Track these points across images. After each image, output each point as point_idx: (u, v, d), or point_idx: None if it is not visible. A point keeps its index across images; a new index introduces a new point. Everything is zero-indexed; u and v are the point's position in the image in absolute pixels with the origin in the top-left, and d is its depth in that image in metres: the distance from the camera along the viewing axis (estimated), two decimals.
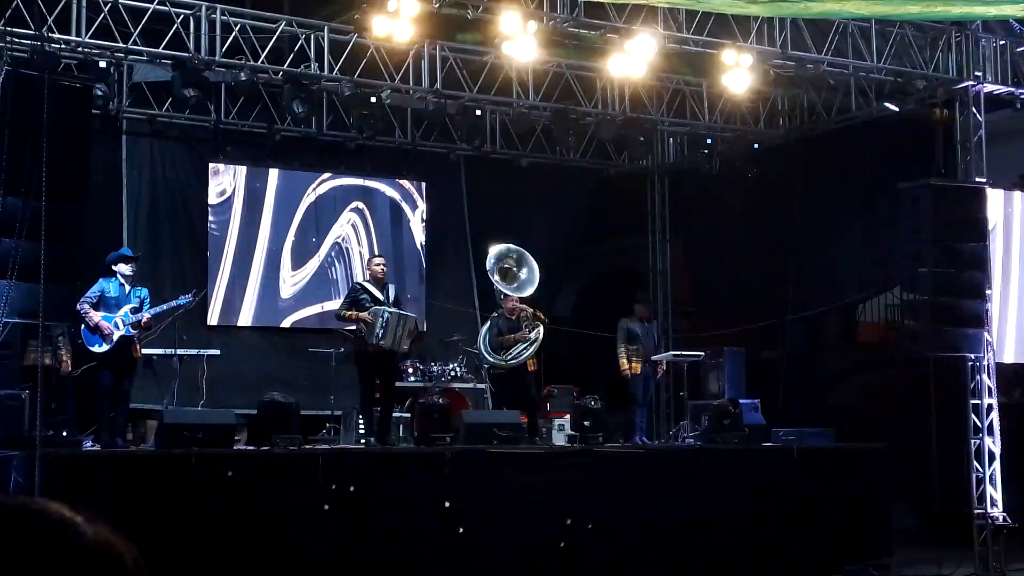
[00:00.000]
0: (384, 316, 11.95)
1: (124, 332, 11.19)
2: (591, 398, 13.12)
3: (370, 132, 14.25)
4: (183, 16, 12.14)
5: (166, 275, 14.29)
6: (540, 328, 13.14)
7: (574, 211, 17.51)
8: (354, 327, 12.19)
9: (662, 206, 17.86)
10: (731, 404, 13.50)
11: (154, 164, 14.70)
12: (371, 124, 13.99)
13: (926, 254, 12.76)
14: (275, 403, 11.29)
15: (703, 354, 15.17)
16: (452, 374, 14.47)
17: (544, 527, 11.56)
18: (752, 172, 15.94)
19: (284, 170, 15.43)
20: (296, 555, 10.42)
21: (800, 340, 16.72)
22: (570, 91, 14.75)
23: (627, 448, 13.00)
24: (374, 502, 10.91)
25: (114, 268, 11.42)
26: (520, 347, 13.04)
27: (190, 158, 15.02)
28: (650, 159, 17.31)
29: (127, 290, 11.38)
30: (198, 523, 10.14)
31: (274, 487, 10.55)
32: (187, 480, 10.17)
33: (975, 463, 13.12)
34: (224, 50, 12.37)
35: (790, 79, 14.17)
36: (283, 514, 10.48)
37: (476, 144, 15.22)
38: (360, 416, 12.78)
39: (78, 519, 1.28)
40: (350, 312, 12.13)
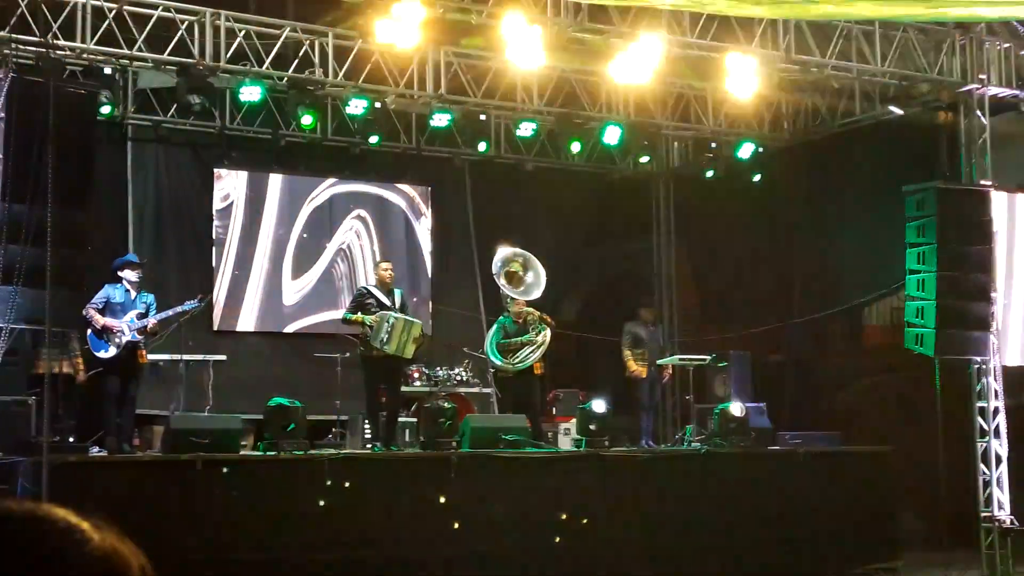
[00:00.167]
0: (390, 321, 11.95)
1: (130, 338, 11.21)
2: (597, 402, 13.11)
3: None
4: (188, 22, 12.15)
5: (171, 281, 14.28)
6: (547, 332, 13.15)
7: (579, 215, 17.49)
8: (359, 331, 12.19)
9: (667, 210, 17.84)
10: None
11: (159, 170, 14.70)
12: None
13: (931, 257, 12.76)
14: (281, 408, 11.29)
15: (709, 358, 15.16)
16: (458, 378, 14.47)
17: (550, 531, 11.55)
18: (757, 176, 15.93)
19: (288, 175, 15.43)
20: (302, 560, 10.42)
21: (805, 343, 16.70)
22: (574, 96, 14.76)
23: (633, 452, 13.00)
24: (380, 507, 10.91)
25: (120, 274, 11.45)
26: (527, 351, 13.04)
27: (195, 164, 15.03)
28: (655, 163, 17.31)
29: (133, 296, 11.40)
30: (204, 528, 10.14)
31: (280, 492, 10.56)
32: (193, 485, 10.18)
33: (982, 466, 13.11)
34: (229, 56, 12.38)
35: (794, 83, 14.16)
36: (289, 519, 10.48)
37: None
38: (366, 421, 12.79)
39: (84, 525, 1.29)
40: (356, 316, 12.13)
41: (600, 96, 14.89)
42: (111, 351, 11.19)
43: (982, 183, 13.31)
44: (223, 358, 13.93)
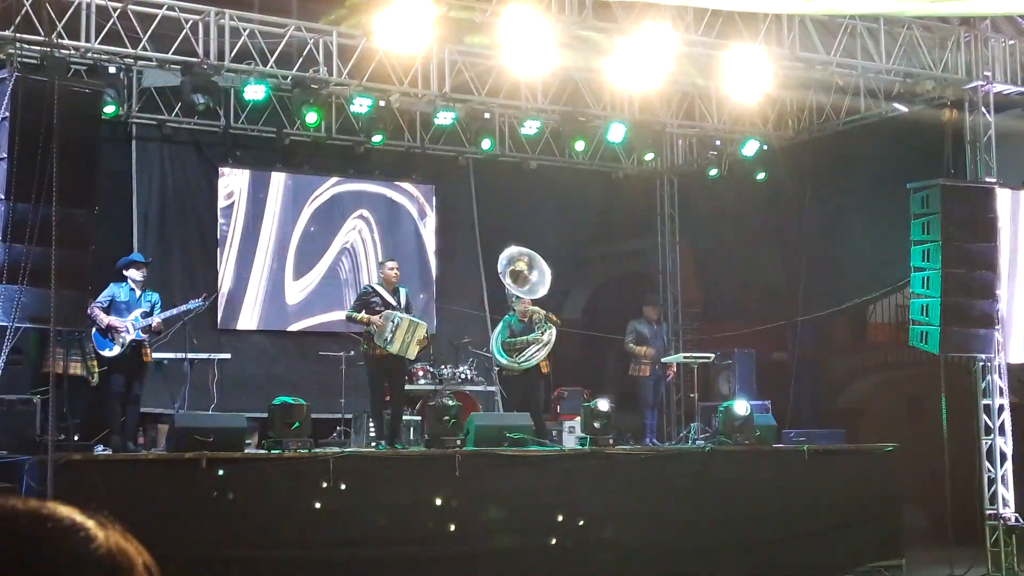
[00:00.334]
0: (395, 320, 11.95)
1: (135, 336, 11.22)
2: (601, 400, 13.11)
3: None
4: (192, 21, 12.15)
5: (176, 279, 14.29)
6: (552, 330, 13.16)
7: (583, 213, 17.49)
8: (364, 329, 12.20)
9: (671, 208, 17.84)
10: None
11: (164, 169, 14.70)
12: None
13: (935, 254, 12.75)
14: (286, 406, 11.30)
15: (713, 356, 15.17)
16: (462, 377, 14.47)
17: (554, 529, 11.55)
18: (761, 174, 15.93)
19: (292, 174, 15.43)
20: (307, 557, 10.43)
21: (810, 341, 16.70)
22: (579, 93, 14.75)
23: (637, 450, 13.00)
24: (385, 505, 10.92)
25: (124, 273, 11.47)
26: (533, 349, 13.05)
27: (199, 163, 15.02)
28: (659, 161, 17.31)
29: (138, 295, 11.42)
30: (208, 526, 10.15)
31: (285, 490, 10.56)
32: (198, 484, 10.19)
33: (987, 463, 13.10)
34: (233, 55, 12.39)
35: (799, 80, 14.14)
36: (294, 517, 10.49)
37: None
38: (370, 419, 12.79)
39: (89, 523, 1.29)
40: (361, 315, 12.13)
41: (604, 94, 14.89)
42: (115, 350, 11.21)
43: (987, 180, 13.30)
44: (228, 356, 13.94)
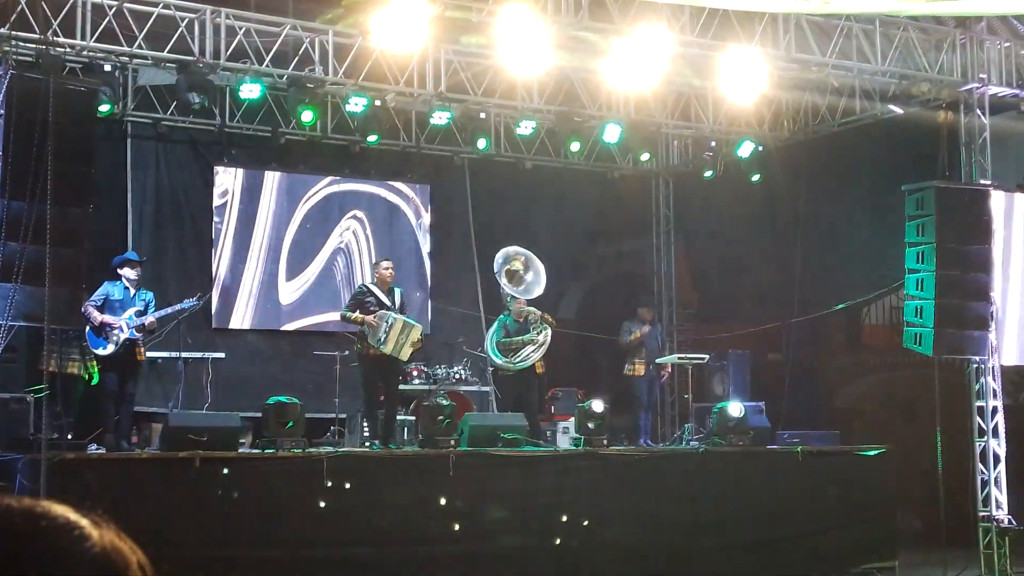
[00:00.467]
0: (389, 321, 11.94)
1: (128, 335, 11.21)
2: (595, 400, 13.11)
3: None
4: (188, 19, 12.13)
5: (171, 278, 14.28)
6: (548, 331, 13.16)
7: (579, 214, 17.49)
8: (358, 329, 12.19)
9: (667, 208, 17.85)
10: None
11: (159, 167, 14.68)
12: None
13: (930, 256, 12.76)
14: (280, 405, 11.29)
15: (708, 357, 15.17)
16: (456, 377, 14.47)
17: (548, 529, 11.56)
18: (756, 176, 15.93)
19: (287, 173, 15.40)
20: (300, 557, 10.42)
21: (805, 342, 16.70)
22: (574, 94, 14.75)
23: (631, 451, 13.00)
24: (379, 505, 10.91)
25: (119, 272, 11.45)
26: (529, 350, 13.05)
27: (195, 161, 15.00)
28: (655, 162, 17.31)
29: (132, 293, 11.41)
30: (202, 526, 10.14)
31: (279, 490, 10.56)
32: (192, 483, 10.18)
33: (980, 465, 13.11)
34: (229, 54, 12.37)
35: (794, 81, 14.15)
36: (288, 517, 10.48)
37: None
38: (364, 419, 12.78)
39: (84, 522, 1.28)
40: (356, 315, 12.13)
41: (600, 94, 14.88)
42: (109, 348, 11.20)
43: (982, 182, 13.31)
44: (222, 356, 13.93)
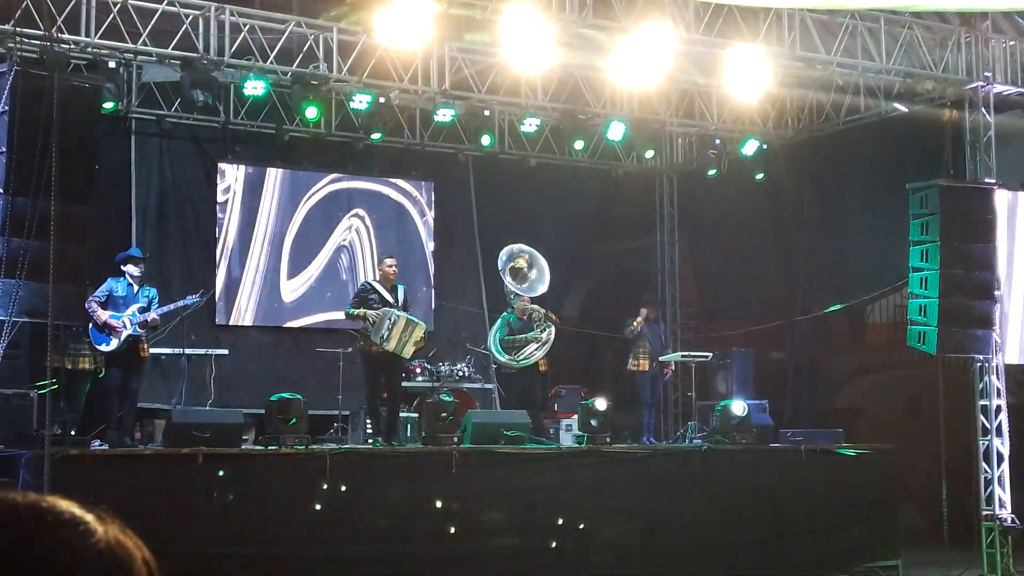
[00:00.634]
0: (392, 318, 11.94)
1: (132, 331, 11.21)
2: (599, 398, 13.11)
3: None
4: (192, 16, 12.14)
5: (174, 275, 14.28)
6: (552, 329, 13.16)
7: (583, 211, 17.47)
8: (361, 326, 12.19)
9: (670, 206, 17.85)
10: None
11: (163, 164, 14.68)
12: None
13: (934, 255, 12.75)
14: (283, 402, 11.29)
15: (711, 355, 15.16)
16: (460, 374, 14.47)
17: (551, 527, 11.55)
18: (760, 174, 15.93)
19: (290, 170, 15.39)
20: (303, 553, 10.43)
21: (808, 341, 16.70)
22: (579, 91, 14.75)
23: (634, 448, 13.00)
24: (381, 501, 10.91)
25: (122, 268, 11.45)
26: (532, 347, 13.05)
27: (199, 158, 15.00)
28: (659, 159, 17.30)
29: (135, 290, 11.41)
30: (205, 522, 10.15)
31: (281, 486, 10.56)
32: (195, 479, 10.19)
33: (983, 464, 13.10)
34: (233, 50, 12.38)
35: (799, 79, 14.14)
36: (290, 513, 10.49)
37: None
38: (367, 416, 12.79)
39: (89, 518, 1.28)
40: (359, 312, 12.12)
41: (604, 92, 14.88)
42: (112, 344, 11.20)
43: (986, 181, 13.30)
44: (225, 352, 13.93)
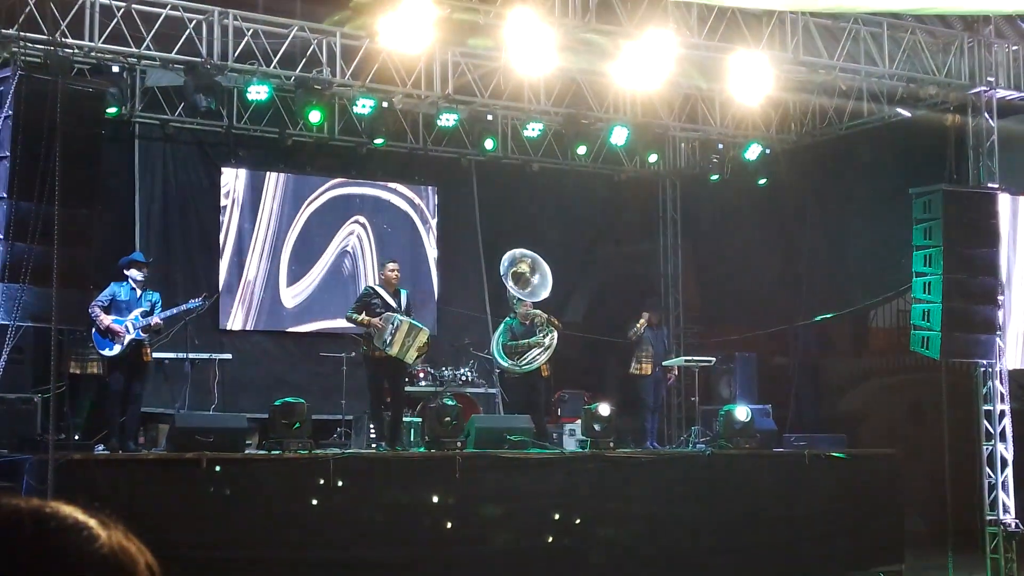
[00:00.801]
0: (395, 323, 11.94)
1: (135, 336, 11.22)
2: (602, 403, 13.10)
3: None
4: (195, 21, 12.15)
5: (178, 279, 14.29)
6: (554, 334, 13.16)
7: (585, 216, 17.48)
8: (364, 330, 12.18)
9: (673, 211, 17.84)
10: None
11: (166, 169, 14.69)
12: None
13: (937, 260, 12.74)
14: (287, 407, 11.30)
15: (714, 359, 15.15)
16: (463, 379, 14.47)
17: (554, 531, 11.54)
18: (763, 180, 15.92)
19: (293, 175, 15.39)
20: (307, 558, 10.43)
21: (811, 345, 16.69)
22: (581, 96, 14.75)
23: (638, 453, 12.99)
24: (385, 506, 10.91)
25: (126, 272, 11.46)
26: (535, 352, 13.05)
27: (202, 162, 15.01)
28: (662, 164, 17.30)
29: (138, 294, 11.41)
30: (209, 527, 10.15)
31: (285, 491, 10.56)
32: (198, 484, 10.19)
33: (987, 469, 13.08)
34: (236, 55, 12.39)
35: (802, 84, 14.14)
36: (294, 518, 10.49)
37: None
38: (370, 420, 12.78)
39: (92, 523, 1.28)
40: (361, 317, 12.12)
41: (607, 97, 14.88)
42: (115, 349, 11.20)
43: (989, 186, 13.29)
44: (229, 357, 13.94)
